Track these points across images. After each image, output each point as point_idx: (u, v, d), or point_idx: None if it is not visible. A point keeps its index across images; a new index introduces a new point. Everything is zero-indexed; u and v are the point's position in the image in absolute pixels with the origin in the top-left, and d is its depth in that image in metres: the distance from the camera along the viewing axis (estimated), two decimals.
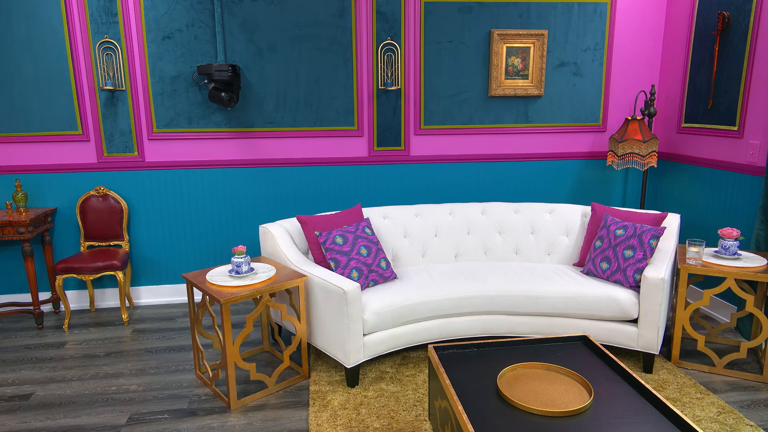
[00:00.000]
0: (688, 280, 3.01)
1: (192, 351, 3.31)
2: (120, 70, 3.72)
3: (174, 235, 4.05)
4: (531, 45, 4.03)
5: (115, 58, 3.70)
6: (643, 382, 2.00)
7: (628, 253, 3.03)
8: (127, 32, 3.68)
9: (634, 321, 2.93)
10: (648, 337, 2.87)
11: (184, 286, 4.13)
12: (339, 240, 3.09)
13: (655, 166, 4.07)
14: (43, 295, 3.98)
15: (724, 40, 3.55)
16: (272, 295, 2.78)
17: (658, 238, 2.99)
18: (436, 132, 4.14)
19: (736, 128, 3.49)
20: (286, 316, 2.83)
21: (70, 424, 2.56)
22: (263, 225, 3.29)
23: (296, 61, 3.88)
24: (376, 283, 3.12)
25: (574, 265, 3.50)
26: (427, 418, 2.55)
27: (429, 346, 2.42)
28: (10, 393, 2.85)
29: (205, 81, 3.75)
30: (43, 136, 3.76)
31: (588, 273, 3.23)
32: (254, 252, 4.13)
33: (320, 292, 2.82)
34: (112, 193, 3.85)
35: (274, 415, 2.62)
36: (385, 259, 3.21)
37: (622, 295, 2.91)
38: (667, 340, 3.28)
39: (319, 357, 3.19)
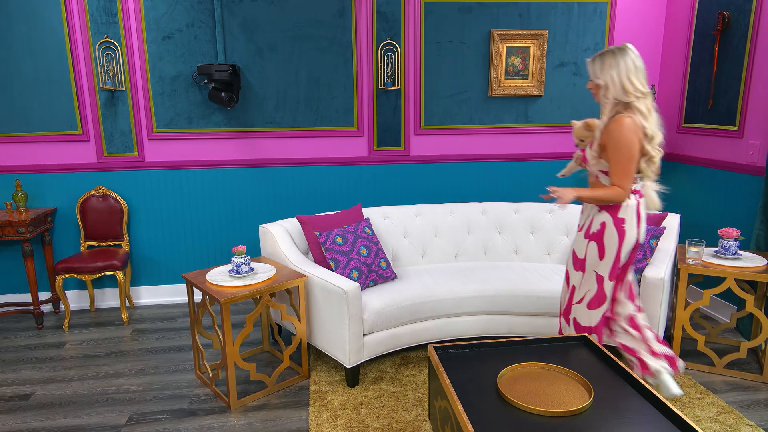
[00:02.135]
0: (688, 280, 3.01)
1: (192, 351, 3.31)
2: (120, 70, 3.72)
3: (174, 235, 4.05)
4: (531, 45, 4.03)
5: (115, 58, 3.70)
6: (643, 382, 2.00)
7: None
8: (127, 32, 3.68)
9: None
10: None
11: (184, 286, 4.13)
12: (339, 240, 3.09)
13: None
14: (43, 295, 3.98)
15: (724, 40, 3.55)
16: (272, 295, 2.78)
17: (658, 238, 2.99)
18: (436, 132, 4.14)
19: (736, 128, 3.48)
20: (286, 316, 2.83)
21: (70, 424, 2.56)
22: (263, 225, 3.29)
23: (296, 61, 3.88)
24: (376, 283, 3.12)
25: None
26: (427, 418, 2.55)
27: (429, 346, 2.41)
28: (10, 393, 2.85)
29: (205, 81, 3.75)
30: (43, 136, 3.76)
31: None
32: (254, 252, 4.12)
33: (320, 292, 2.82)
34: (112, 193, 3.85)
35: (274, 415, 2.62)
36: (385, 259, 3.21)
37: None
38: (667, 340, 3.28)
39: (319, 357, 3.19)
